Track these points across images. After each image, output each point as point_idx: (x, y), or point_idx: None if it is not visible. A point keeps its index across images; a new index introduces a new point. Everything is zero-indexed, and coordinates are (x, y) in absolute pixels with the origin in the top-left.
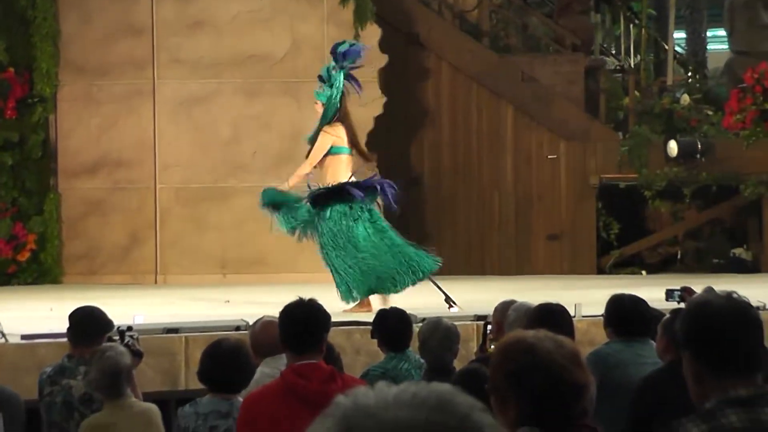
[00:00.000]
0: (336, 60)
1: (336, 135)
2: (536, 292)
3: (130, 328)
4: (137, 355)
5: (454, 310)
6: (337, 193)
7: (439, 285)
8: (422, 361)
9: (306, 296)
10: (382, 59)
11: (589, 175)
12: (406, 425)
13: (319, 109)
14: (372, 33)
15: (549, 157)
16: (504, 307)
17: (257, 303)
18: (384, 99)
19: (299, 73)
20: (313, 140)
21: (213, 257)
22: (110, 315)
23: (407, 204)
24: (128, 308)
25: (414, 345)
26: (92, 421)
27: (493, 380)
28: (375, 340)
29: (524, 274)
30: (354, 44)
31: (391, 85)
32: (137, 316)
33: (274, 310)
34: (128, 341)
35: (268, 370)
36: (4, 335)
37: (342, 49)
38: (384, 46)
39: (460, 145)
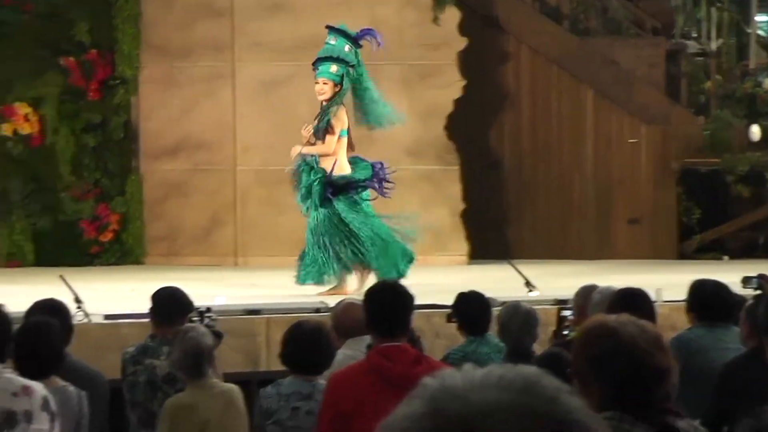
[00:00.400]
0: (353, 41)
1: (344, 119)
2: (617, 276)
3: (209, 309)
4: (217, 336)
5: (534, 293)
6: (358, 183)
7: (519, 269)
8: (502, 344)
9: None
10: (461, 42)
11: (670, 160)
12: (493, 407)
13: (328, 89)
14: (451, 16)
15: (630, 141)
16: (585, 292)
17: None
18: (463, 82)
19: (377, 56)
20: (325, 119)
21: (292, 239)
22: (191, 296)
23: (487, 188)
24: (209, 290)
25: (493, 329)
26: (175, 401)
27: (576, 364)
28: (454, 324)
29: (604, 258)
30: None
31: (470, 69)
32: (218, 298)
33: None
34: (207, 322)
35: (351, 352)
36: (87, 315)
37: (346, 28)
38: (463, 29)
39: (540, 128)
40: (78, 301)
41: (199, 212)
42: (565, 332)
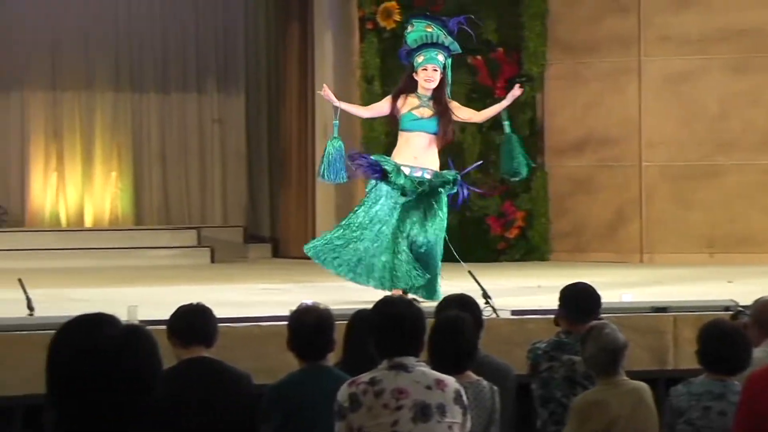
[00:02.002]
0: (449, 29)
1: None
2: None
3: None
4: None
5: None
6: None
7: None
8: None
9: None
10: None
11: None
12: None
13: (438, 76)
14: None
15: None
16: None
17: (752, 283)
18: None
19: None
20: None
21: (699, 236)
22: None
23: None
24: (614, 286)
25: None
26: (584, 398)
27: None
28: None
29: None
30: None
31: None
32: (626, 295)
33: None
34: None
35: None
36: (495, 310)
37: (443, 17)
38: None
39: None
40: (486, 296)
41: (604, 208)
42: None
